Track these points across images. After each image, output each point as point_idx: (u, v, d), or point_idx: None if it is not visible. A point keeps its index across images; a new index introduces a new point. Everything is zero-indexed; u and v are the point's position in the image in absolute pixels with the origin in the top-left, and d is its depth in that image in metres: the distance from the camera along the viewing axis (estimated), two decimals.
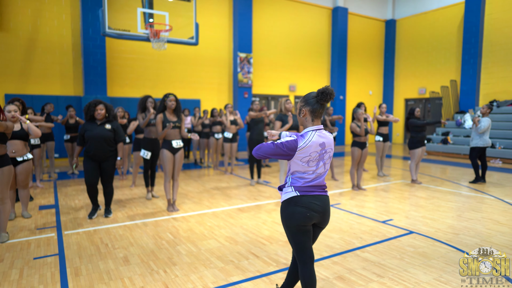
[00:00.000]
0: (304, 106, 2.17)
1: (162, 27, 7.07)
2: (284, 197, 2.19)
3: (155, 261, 3.30)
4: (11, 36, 9.17)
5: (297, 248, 2.19)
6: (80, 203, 5.46)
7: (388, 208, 5.23)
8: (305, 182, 2.15)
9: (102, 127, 4.48)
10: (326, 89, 2.11)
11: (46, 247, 3.61)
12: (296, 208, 2.12)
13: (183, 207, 5.22)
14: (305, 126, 2.20)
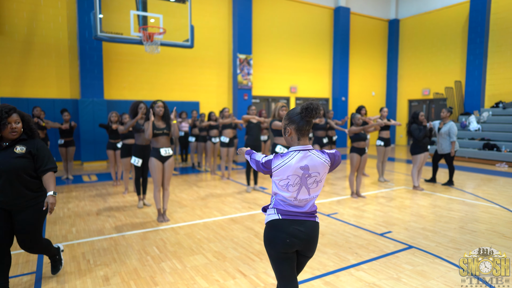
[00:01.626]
0: (288, 125, 1.97)
1: (156, 30, 6.91)
2: (267, 219, 2.01)
3: (136, 280, 3.12)
4: (7, 39, 9.06)
5: (278, 276, 2.00)
6: (69, 212, 5.31)
7: (387, 218, 5.02)
8: (287, 205, 1.95)
9: (11, 151, 2.69)
10: (310, 104, 1.93)
11: (24, 264, 3.45)
12: (277, 233, 1.93)
13: (174, 217, 5.05)
14: (290, 146, 2.00)
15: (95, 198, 6.20)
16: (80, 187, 7.15)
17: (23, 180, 2.70)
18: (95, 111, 9.89)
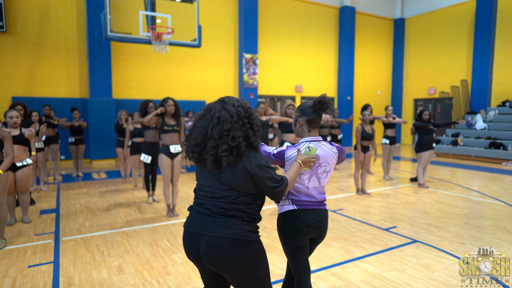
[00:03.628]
0: (300, 116, 2.11)
1: (164, 29, 7.04)
2: (281, 209, 2.10)
3: (149, 270, 3.24)
4: (18, 39, 9.26)
5: (293, 262, 2.11)
6: (81, 207, 5.45)
7: (392, 214, 5.09)
8: (301, 195, 2.06)
9: None
10: (323, 97, 2.08)
11: (42, 255, 3.59)
12: (294, 223, 2.03)
13: (183, 212, 5.17)
14: (301, 137, 2.13)
15: (105, 194, 6.35)
16: (90, 184, 7.31)
17: None
18: (103, 110, 10.06)
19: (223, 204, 1.68)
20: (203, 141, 1.68)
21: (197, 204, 1.76)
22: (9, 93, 9.24)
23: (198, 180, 1.79)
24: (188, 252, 1.73)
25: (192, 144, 1.71)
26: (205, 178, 1.74)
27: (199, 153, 1.70)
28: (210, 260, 1.64)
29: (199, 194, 1.77)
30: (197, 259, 1.70)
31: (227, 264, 1.63)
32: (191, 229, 1.71)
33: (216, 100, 1.78)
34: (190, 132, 1.76)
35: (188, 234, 1.72)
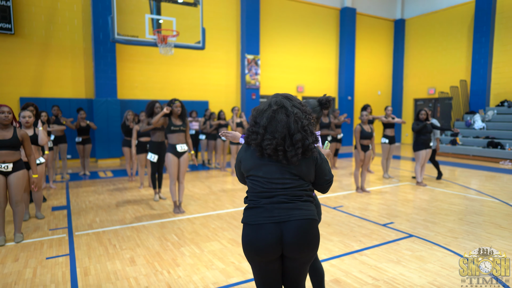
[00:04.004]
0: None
1: (169, 32, 7.25)
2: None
3: (160, 262, 3.46)
4: (26, 41, 9.49)
5: None
6: (91, 204, 5.67)
7: (390, 211, 5.30)
8: None
9: None
10: (329, 97, 2.37)
11: (58, 248, 3.80)
12: None
13: (189, 209, 5.38)
14: None
15: (113, 192, 6.56)
16: (97, 182, 7.53)
17: None
18: (108, 110, 10.27)
19: (296, 192, 1.80)
20: (287, 135, 1.74)
21: (266, 198, 1.78)
22: (17, 94, 9.47)
23: (263, 174, 1.79)
24: (264, 245, 1.72)
25: (278, 138, 1.72)
26: (274, 171, 1.78)
27: (282, 146, 1.73)
28: (296, 243, 1.73)
29: (268, 187, 1.79)
30: (274, 249, 1.74)
31: (309, 242, 1.76)
32: (270, 220, 1.74)
33: (277, 96, 1.85)
34: (265, 127, 1.75)
35: (267, 226, 1.73)
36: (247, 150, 1.87)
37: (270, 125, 1.75)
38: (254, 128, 1.80)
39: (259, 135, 1.76)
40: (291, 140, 1.74)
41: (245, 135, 1.90)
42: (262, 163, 1.80)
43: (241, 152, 1.92)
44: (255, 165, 1.82)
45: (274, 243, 1.73)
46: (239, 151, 1.95)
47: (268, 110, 1.79)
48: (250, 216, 1.80)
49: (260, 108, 1.83)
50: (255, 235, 1.75)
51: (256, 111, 1.84)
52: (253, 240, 1.75)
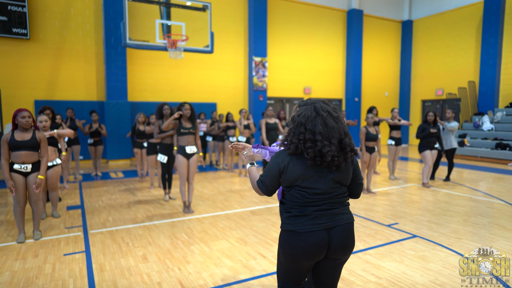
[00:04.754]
0: None
1: (179, 37, 7.44)
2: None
3: (171, 259, 3.61)
4: (40, 46, 9.78)
5: None
6: (103, 204, 5.87)
7: (395, 212, 5.39)
8: None
9: None
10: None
11: (74, 245, 3.99)
12: None
13: (198, 209, 5.54)
14: None
15: (124, 192, 6.76)
16: (109, 182, 7.75)
17: None
18: (119, 112, 10.52)
19: (339, 199, 1.88)
20: (338, 141, 1.79)
21: (312, 206, 1.83)
22: (32, 97, 9.77)
23: (309, 185, 1.81)
24: (314, 251, 1.80)
25: (335, 144, 1.77)
26: (319, 181, 1.81)
27: (337, 152, 1.78)
28: (343, 245, 1.83)
29: (313, 198, 1.82)
30: (321, 255, 1.82)
31: (352, 243, 1.88)
32: (320, 227, 1.80)
33: (316, 101, 1.88)
34: (321, 134, 1.76)
35: (317, 233, 1.80)
36: (293, 157, 1.85)
37: (324, 131, 1.77)
38: (308, 135, 1.78)
39: (318, 142, 1.76)
40: (340, 145, 1.81)
41: (288, 142, 1.86)
42: (311, 172, 1.81)
43: (280, 160, 1.87)
44: (302, 175, 1.82)
45: (323, 248, 1.81)
46: (275, 159, 1.89)
47: (318, 116, 1.81)
48: (297, 224, 1.83)
49: (306, 114, 1.82)
50: (305, 242, 1.80)
51: (302, 117, 1.82)
52: (302, 247, 1.81)
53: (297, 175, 1.82)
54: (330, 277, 1.96)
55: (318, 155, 1.77)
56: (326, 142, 1.76)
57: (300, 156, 1.84)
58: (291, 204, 1.88)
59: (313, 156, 1.77)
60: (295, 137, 1.82)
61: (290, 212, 1.88)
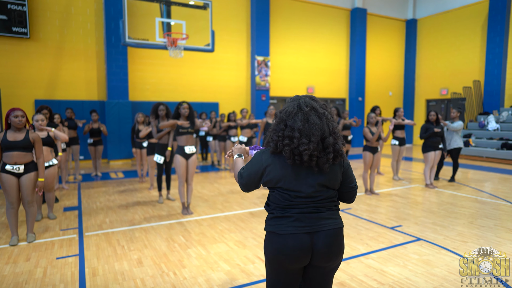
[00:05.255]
0: None
1: (179, 35, 7.34)
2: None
3: (166, 263, 3.50)
4: (40, 45, 9.73)
5: None
6: (101, 205, 5.78)
7: (398, 213, 5.25)
8: None
9: None
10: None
11: (68, 248, 3.89)
12: None
13: (197, 210, 5.44)
14: None
15: (123, 193, 6.67)
16: (108, 183, 7.66)
17: None
18: (120, 112, 10.44)
19: (325, 203, 1.74)
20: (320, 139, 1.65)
21: (295, 209, 1.70)
22: (32, 96, 9.72)
23: (293, 187, 1.69)
24: (294, 255, 1.68)
25: (314, 142, 1.62)
26: (301, 183, 1.69)
27: (317, 151, 1.63)
28: (326, 252, 1.69)
29: (297, 201, 1.70)
30: (304, 259, 1.71)
31: (339, 251, 1.73)
32: (301, 230, 1.68)
33: (302, 97, 1.75)
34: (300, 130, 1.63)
35: (298, 236, 1.67)
36: (275, 157, 1.72)
37: (304, 128, 1.64)
38: (287, 132, 1.65)
39: (295, 139, 1.63)
40: (323, 144, 1.67)
41: (269, 140, 1.75)
42: (293, 172, 1.69)
43: (263, 159, 1.74)
44: (285, 176, 1.70)
45: (304, 253, 1.68)
46: (258, 157, 1.76)
47: (300, 112, 1.67)
48: (279, 226, 1.71)
49: (288, 110, 1.70)
50: (284, 244, 1.68)
51: (284, 113, 1.71)
52: (282, 249, 1.68)
53: (279, 177, 1.70)
54: (319, 286, 1.82)
55: (296, 153, 1.64)
56: (304, 139, 1.62)
57: (281, 156, 1.71)
58: (274, 206, 1.77)
59: (289, 154, 1.64)
60: (275, 134, 1.71)
61: (273, 213, 1.76)
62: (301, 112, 1.68)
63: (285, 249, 1.69)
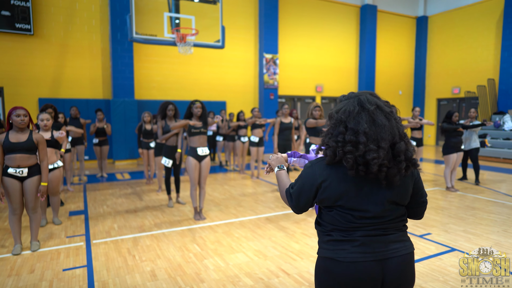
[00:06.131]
0: None
1: (188, 31, 7.03)
2: None
3: (183, 276, 3.21)
4: (44, 42, 9.45)
5: None
6: (108, 209, 5.49)
7: (424, 220, 4.92)
8: None
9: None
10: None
11: (75, 258, 3.60)
12: None
13: (210, 215, 5.14)
14: None
15: (131, 196, 6.38)
16: (115, 185, 7.38)
17: None
18: (126, 111, 10.16)
19: (395, 223, 1.45)
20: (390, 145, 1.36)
21: (360, 231, 1.41)
22: (36, 95, 9.45)
23: (356, 206, 1.39)
24: (362, 287, 1.39)
25: (385, 148, 1.33)
26: (367, 201, 1.39)
27: (386, 160, 1.34)
28: (400, 283, 1.43)
29: (361, 222, 1.40)
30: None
31: (411, 280, 1.47)
32: (370, 258, 1.39)
33: (361, 93, 1.47)
34: (366, 134, 1.33)
35: (365, 265, 1.38)
36: (332, 169, 1.41)
37: (371, 131, 1.34)
38: (348, 136, 1.35)
39: (361, 144, 1.32)
40: (392, 151, 1.36)
41: (325, 146, 1.44)
42: (355, 187, 1.38)
43: (316, 172, 1.43)
44: (345, 192, 1.39)
45: (373, 284, 1.38)
46: (309, 170, 1.45)
47: (363, 111, 1.38)
48: (340, 251, 1.41)
49: (348, 109, 1.40)
50: (349, 274, 1.38)
51: (343, 113, 1.40)
52: (346, 280, 1.39)
53: (338, 193, 1.40)
54: None
55: (361, 162, 1.33)
56: (372, 145, 1.32)
57: (340, 166, 1.40)
58: (331, 227, 1.46)
59: (352, 164, 1.34)
60: (333, 139, 1.40)
61: (330, 236, 1.46)
62: (365, 112, 1.38)
63: (349, 279, 1.38)
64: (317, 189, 1.44)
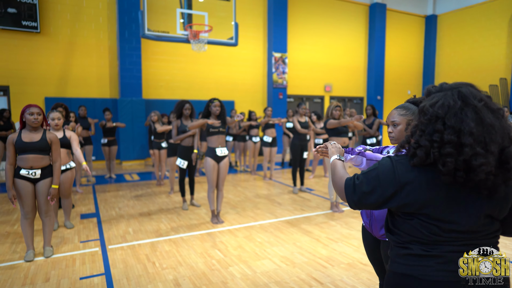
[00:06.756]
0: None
1: (202, 27, 6.82)
2: None
3: (209, 286, 2.99)
4: (51, 40, 9.25)
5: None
6: (121, 211, 5.28)
7: None
8: None
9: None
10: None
11: (91, 264, 3.39)
12: None
13: (228, 218, 4.92)
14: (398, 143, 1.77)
15: (142, 197, 6.17)
16: (124, 186, 7.17)
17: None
18: (133, 111, 9.96)
19: (487, 241, 1.27)
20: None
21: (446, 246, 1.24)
22: (42, 94, 9.25)
23: (445, 217, 1.19)
24: None
25: (495, 153, 1.13)
26: (460, 212, 1.19)
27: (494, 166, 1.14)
28: None
29: (447, 236, 1.22)
30: None
31: None
32: (458, 278, 1.28)
33: (459, 85, 1.25)
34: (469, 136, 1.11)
35: (453, 286, 1.27)
36: (420, 171, 1.20)
37: (478, 131, 1.12)
38: (448, 136, 1.13)
39: (466, 147, 1.11)
40: (500, 157, 1.15)
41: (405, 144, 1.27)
42: (447, 195, 1.17)
43: (398, 172, 1.22)
44: (434, 199, 1.19)
45: None
46: (389, 167, 1.24)
47: (466, 107, 1.15)
48: (422, 268, 1.22)
49: (446, 103, 1.17)
50: None
51: (440, 107, 1.17)
52: None
53: (425, 200, 1.19)
54: None
55: (462, 168, 1.12)
56: (479, 149, 1.11)
57: (430, 170, 1.19)
58: (409, 239, 1.25)
59: (452, 169, 1.12)
60: (426, 137, 1.18)
61: (408, 249, 1.25)
62: (469, 108, 1.16)
63: None
64: (396, 191, 1.22)
